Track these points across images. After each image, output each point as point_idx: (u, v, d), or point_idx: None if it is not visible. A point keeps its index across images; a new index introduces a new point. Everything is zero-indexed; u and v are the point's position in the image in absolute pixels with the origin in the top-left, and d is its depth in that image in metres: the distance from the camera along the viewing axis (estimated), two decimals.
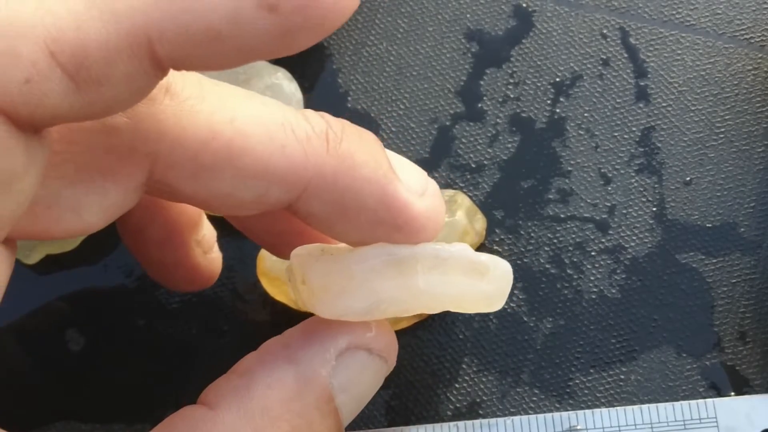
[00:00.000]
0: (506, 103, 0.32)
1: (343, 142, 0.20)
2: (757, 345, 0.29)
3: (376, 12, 0.33)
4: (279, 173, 0.19)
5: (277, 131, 0.19)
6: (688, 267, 0.30)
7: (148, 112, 0.19)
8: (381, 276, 0.21)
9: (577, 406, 0.28)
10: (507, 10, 0.33)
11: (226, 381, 0.21)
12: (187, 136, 0.19)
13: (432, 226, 0.21)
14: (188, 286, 0.27)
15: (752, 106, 0.31)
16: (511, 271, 0.23)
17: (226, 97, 0.20)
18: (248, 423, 0.20)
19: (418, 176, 0.22)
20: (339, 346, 0.21)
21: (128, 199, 0.20)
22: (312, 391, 0.20)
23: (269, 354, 0.21)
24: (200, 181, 0.19)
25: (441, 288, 0.22)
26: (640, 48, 0.32)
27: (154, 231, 0.25)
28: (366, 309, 0.21)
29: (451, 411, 0.29)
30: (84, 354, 0.30)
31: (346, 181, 0.20)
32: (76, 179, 0.19)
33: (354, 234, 0.21)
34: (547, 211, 0.31)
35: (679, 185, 0.31)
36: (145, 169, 0.19)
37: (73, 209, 0.19)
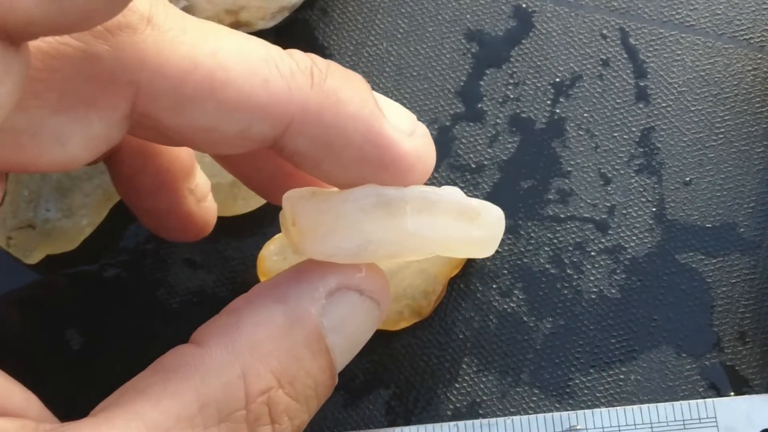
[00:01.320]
0: (506, 104, 0.32)
1: (328, 78, 0.20)
2: (756, 345, 0.29)
3: (376, 12, 0.33)
4: (262, 107, 0.19)
5: (260, 65, 0.19)
6: (688, 267, 0.30)
7: (129, 41, 0.19)
8: (369, 216, 0.21)
9: (576, 406, 0.28)
10: (507, 10, 0.33)
11: (215, 320, 0.21)
12: (168, 66, 0.19)
13: (420, 167, 0.21)
14: (182, 235, 0.27)
15: (752, 107, 0.31)
16: (503, 217, 0.23)
17: (208, 30, 0.20)
18: (236, 359, 0.19)
19: (406, 116, 0.22)
20: (329, 286, 0.21)
21: (112, 131, 0.20)
22: (301, 328, 0.20)
23: (258, 294, 0.21)
24: (183, 114, 0.19)
25: (430, 231, 0.21)
26: (640, 48, 0.32)
27: (147, 178, 0.25)
28: (354, 249, 0.21)
29: (451, 411, 0.29)
30: (84, 354, 0.30)
31: (330, 117, 0.20)
32: (59, 108, 0.19)
33: (341, 173, 0.21)
34: (547, 212, 0.31)
35: (679, 185, 0.31)
36: (128, 99, 0.19)
37: (57, 139, 0.19)
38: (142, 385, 0.19)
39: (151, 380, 0.19)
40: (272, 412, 0.20)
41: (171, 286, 0.30)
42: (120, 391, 0.20)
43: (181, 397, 0.19)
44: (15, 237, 0.29)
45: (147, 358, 0.30)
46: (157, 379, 0.19)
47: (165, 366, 0.20)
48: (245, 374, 0.19)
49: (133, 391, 0.19)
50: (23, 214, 0.29)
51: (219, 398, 0.19)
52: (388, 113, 0.21)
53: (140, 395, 0.19)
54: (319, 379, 0.21)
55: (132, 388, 0.19)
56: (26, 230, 0.29)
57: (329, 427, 0.29)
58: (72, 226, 0.29)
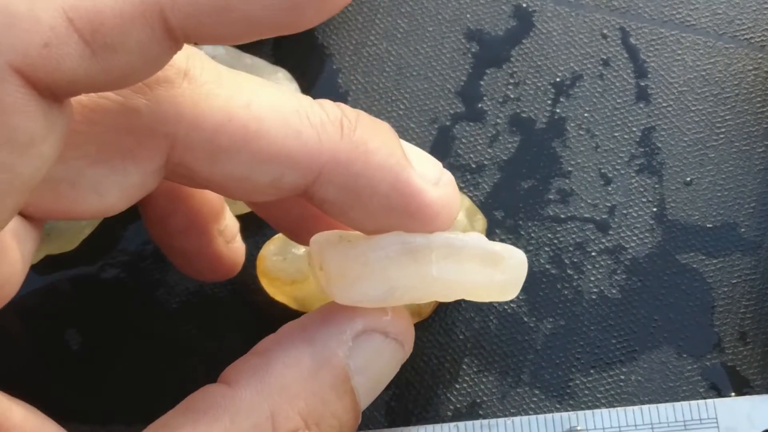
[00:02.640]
0: (506, 104, 0.32)
1: (357, 129, 0.21)
2: (757, 345, 0.29)
3: (376, 12, 0.33)
4: (294, 157, 0.20)
5: (292, 117, 0.20)
6: (689, 267, 0.30)
7: (167, 94, 0.19)
8: (396, 264, 0.21)
9: (577, 406, 0.28)
10: (507, 10, 0.33)
11: (245, 361, 0.21)
12: (204, 118, 0.19)
13: (446, 215, 0.22)
14: (211, 276, 0.28)
15: (752, 107, 0.31)
16: (526, 260, 0.23)
17: (242, 83, 0.20)
18: (265, 400, 0.20)
19: (432, 165, 0.22)
20: (356, 329, 0.21)
21: (148, 181, 0.20)
22: (328, 371, 0.21)
23: (287, 335, 0.21)
24: (217, 164, 0.20)
25: (455, 276, 0.22)
26: (641, 48, 0.32)
27: (178, 220, 0.26)
28: (381, 296, 0.21)
29: (451, 411, 0.29)
30: (84, 354, 0.30)
31: (359, 167, 0.20)
32: (97, 159, 0.19)
33: (368, 221, 0.21)
34: (547, 212, 0.31)
35: (680, 185, 0.31)
36: (164, 150, 0.20)
37: (95, 189, 0.19)
38: (173, 424, 0.20)
39: (180, 420, 0.20)
40: None
41: (170, 287, 0.30)
42: (151, 429, 0.20)
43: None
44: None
45: (147, 358, 0.30)
46: (186, 420, 0.20)
47: (195, 406, 0.20)
48: (274, 416, 0.20)
49: (164, 430, 0.20)
50: None
51: None
52: (415, 162, 0.21)
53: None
54: (343, 419, 0.21)
55: (163, 426, 0.20)
56: None
57: None
58: (71, 227, 0.29)
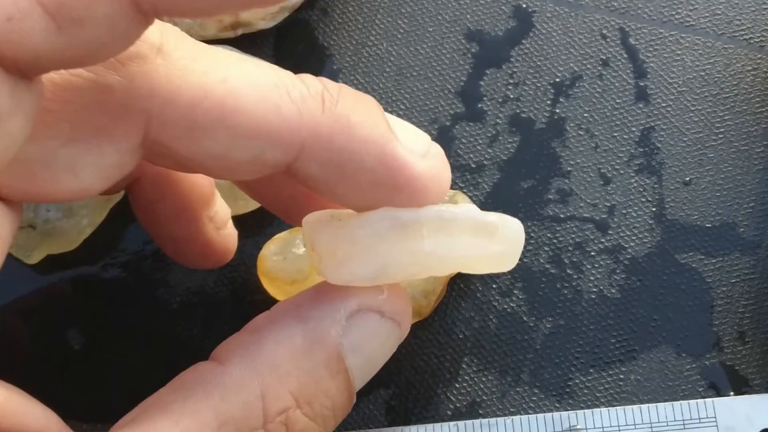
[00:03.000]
0: (506, 104, 0.32)
1: (339, 102, 0.20)
2: (756, 345, 0.29)
3: (376, 12, 0.33)
4: (273, 132, 0.19)
5: (270, 91, 0.19)
6: (688, 267, 0.30)
7: (140, 70, 0.19)
8: (385, 240, 0.21)
9: (576, 405, 0.28)
10: (507, 10, 0.33)
11: (236, 338, 0.21)
12: (179, 94, 0.19)
13: (435, 188, 0.21)
14: (203, 263, 0.27)
15: (751, 107, 0.32)
16: (523, 229, 0.23)
17: (218, 58, 0.20)
18: (256, 377, 0.20)
19: (419, 138, 0.21)
20: (350, 307, 0.21)
21: (125, 160, 0.20)
22: (321, 349, 0.20)
23: (280, 313, 0.21)
24: (194, 141, 0.19)
25: (448, 250, 0.21)
26: (640, 48, 0.32)
27: (166, 206, 0.25)
28: (372, 274, 0.21)
29: (451, 411, 0.29)
30: (84, 354, 0.30)
31: (342, 141, 0.20)
32: (72, 138, 0.19)
33: (355, 196, 0.21)
34: (546, 212, 0.31)
35: (679, 185, 0.31)
36: (140, 128, 0.19)
37: (70, 169, 0.19)
38: (163, 402, 0.20)
39: (171, 397, 0.20)
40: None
41: (171, 286, 0.30)
42: (141, 407, 0.20)
43: (201, 415, 0.19)
44: (15, 237, 0.29)
45: (147, 357, 0.30)
46: (177, 396, 0.19)
47: (185, 383, 0.20)
48: (264, 394, 0.20)
49: (153, 408, 0.19)
50: (24, 214, 0.29)
51: (238, 417, 0.19)
52: (400, 135, 0.21)
53: (161, 412, 0.19)
54: (336, 399, 0.21)
55: (153, 404, 0.20)
56: (27, 230, 0.29)
57: None
58: (72, 227, 0.29)
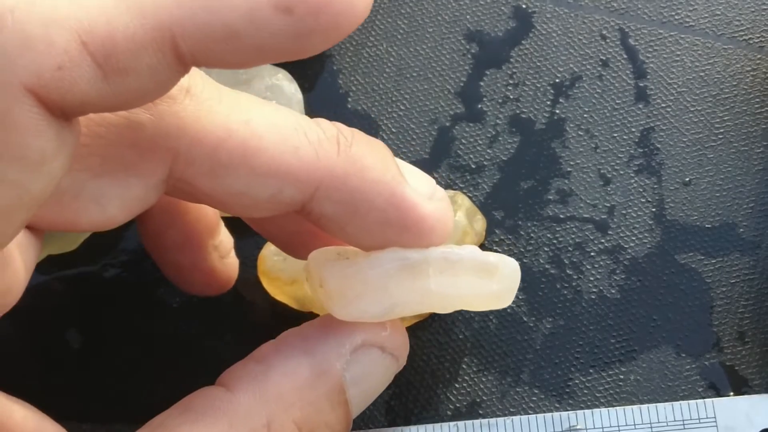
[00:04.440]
0: (506, 104, 0.32)
1: (353, 146, 0.21)
2: (756, 345, 0.29)
3: (376, 13, 0.33)
4: (292, 173, 0.20)
5: (290, 134, 0.20)
6: (688, 267, 0.30)
7: (169, 110, 0.20)
8: (395, 280, 0.22)
9: (576, 406, 0.28)
10: (507, 11, 0.33)
11: (243, 366, 0.21)
12: (205, 133, 0.20)
13: (441, 229, 0.22)
14: (205, 290, 0.28)
15: (751, 107, 0.32)
16: (519, 268, 0.24)
17: (241, 101, 0.21)
18: (263, 406, 0.20)
19: (425, 181, 0.22)
20: (354, 342, 0.22)
21: (149, 194, 0.20)
22: (325, 382, 0.21)
23: (287, 344, 0.22)
24: (217, 179, 0.20)
25: (452, 289, 0.22)
26: (640, 49, 0.32)
27: (174, 234, 0.26)
28: (381, 312, 0.22)
29: (451, 411, 0.29)
30: (84, 354, 0.30)
31: (355, 182, 0.21)
32: (100, 172, 0.20)
33: (365, 236, 0.22)
34: (546, 212, 0.31)
35: (679, 186, 0.31)
36: (166, 164, 0.20)
37: (97, 201, 0.20)
38: (172, 424, 0.20)
39: (179, 420, 0.20)
40: None
41: (171, 286, 0.30)
42: (149, 427, 0.20)
43: None
44: None
45: (147, 357, 0.30)
46: (186, 419, 0.20)
47: (194, 407, 0.20)
48: (270, 422, 0.20)
49: (161, 429, 0.20)
50: None
51: None
52: (409, 178, 0.22)
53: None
54: (336, 429, 0.22)
55: (160, 425, 0.20)
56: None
57: None
58: None
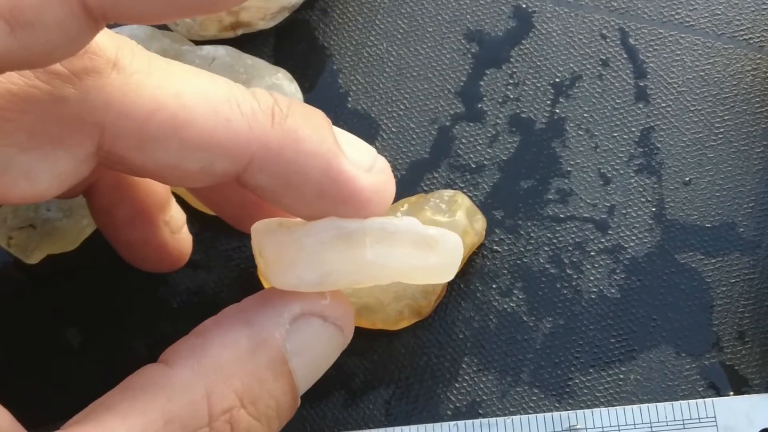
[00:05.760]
0: (506, 104, 0.32)
1: (288, 117, 0.21)
2: (756, 345, 0.29)
3: (376, 13, 0.33)
4: (223, 145, 0.20)
5: (222, 105, 0.20)
6: (688, 267, 0.30)
7: (95, 84, 0.20)
8: (330, 249, 0.22)
9: (576, 405, 0.28)
10: (507, 10, 0.33)
11: (184, 341, 0.21)
12: (132, 107, 0.20)
13: (379, 201, 0.22)
14: (158, 266, 0.28)
15: (751, 107, 0.32)
16: (461, 243, 0.24)
17: (173, 72, 0.21)
18: (201, 379, 0.20)
19: (365, 152, 0.22)
20: (293, 311, 0.22)
21: (79, 168, 0.20)
22: (265, 351, 0.21)
23: (226, 316, 0.22)
24: (147, 152, 0.20)
25: (389, 260, 0.22)
26: (640, 48, 0.32)
27: (123, 210, 0.26)
28: (316, 280, 0.22)
29: (450, 411, 0.29)
30: (84, 354, 0.30)
31: (289, 154, 0.21)
32: (28, 146, 0.20)
33: (302, 207, 0.22)
34: (546, 212, 0.31)
35: (679, 185, 0.31)
36: (94, 138, 0.20)
37: (26, 175, 0.20)
38: (112, 401, 0.20)
39: (120, 397, 0.20)
40: (234, 431, 0.21)
41: (171, 286, 0.30)
42: (90, 408, 0.20)
43: (147, 414, 0.20)
44: (15, 237, 0.29)
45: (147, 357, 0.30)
46: (125, 396, 0.20)
47: (133, 384, 0.20)
48: (209, 394, 0.20)
49: (102, 408, 0.20)
50: (24, 213, 0.29)
51: (183, 416, 0.20)
52: (347, 149, 0.22)
53: (109, 411, 0.20)
54: (281, 400, 0.22)
55: (102, 404, 0.20)
56: (27, 230, 0.29)
57: (329, 427, 0.29)
58: (72, 226, 0.29)
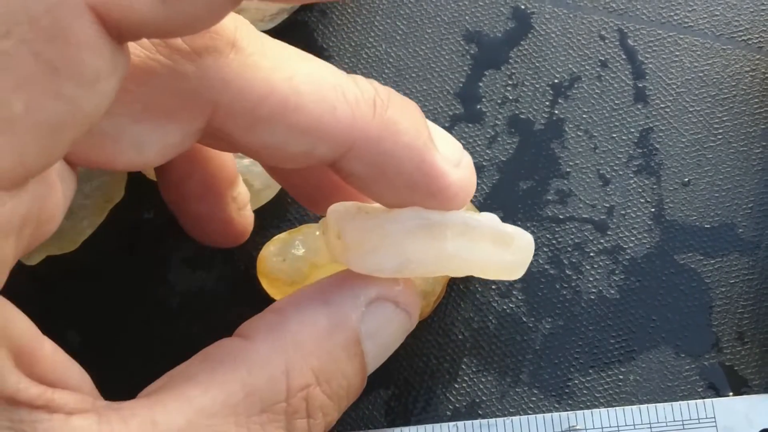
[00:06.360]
0: (505, 105, 0.32)
1: (389, 108, 0.22)
2: (755, 345, 0.29)
3: (375, 14, 0.33)
4: (328, 131, 0.21)
5: (329, 92, 0.21)
6: (687, 267, 0.30)
7: (215, 63, 0.20)
8: (412, 237, 0.22)
9: (576, 406, 0.28)
10: (505, 11, 0.33)
11: (261, 317, 0.22)
12: (248, 88, 0.20)
13: (463, 196, 0.23)
14: (222, 241, 0.28)
15: (750, 108, 0.32)
16: (533, 242, 0.24)
17: (286, 56, 0.21)
18: (281, 355, 0.21)
19: (454, 148, 0.23)
20: (369, 295, 0.22)
21: (186, 141, 0.21)
22: (341, 332, 0.22)
23: (304, 296, 0.22)
24: (255, 132, 0.21)
25: (468, 254, 0.23)
26: (639, 49, 0.32)
27: (194, 184, 0.26)
28: (396, 267, 0.22)
29: (450, 411, 0.29)
30: (83, 354, 0.30)
31: (387, 146, 0.21)
32: (142, 117, 0.20)
33: (390, 196, 0.22)
34: (545, 212, 0.31)
35: (678, 186, 0.31)
36: (206, 115, 0.20)
37: (136, 145, 0.20)
38: (191, 372, 0.21)
39: (199, 368, 0.21)
40: (309, 407, 0.21)
41: (171, 286, 0.30)
42: (168, 376, 0.21)
43: (228, 386, 0.20)
44: None
45: (147, 358, 0.30)
46: (205, 367, 0.20)
47: (212, 356, 0.21)
48: (288, 370, 0.21)
49: (181, 377, 0.20)
50: None
51: (263, 390, 0.20)
52: (439, 144, 0.22)
53: (189, 381, 0.20)
54: (352, 380, 0.22)
55: (180, 374, 0.21)
56: None
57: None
58: (72, 227, 0.29)
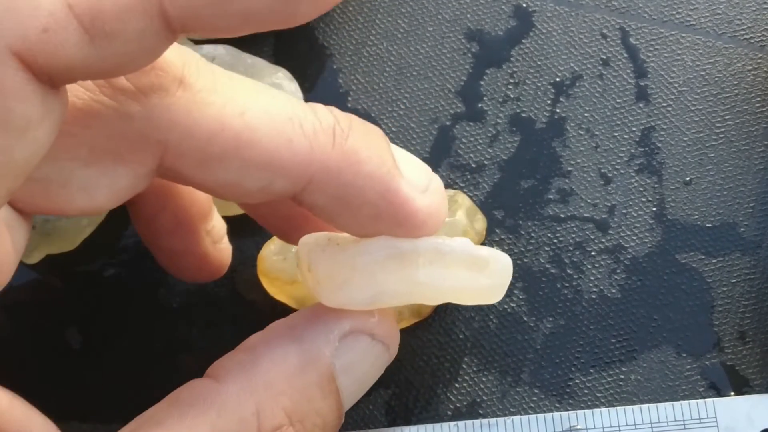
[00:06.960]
0: (506, 103, 0.32)
1: (349, 138, 0.21)
2: (756, 345, 0.29)
3: (376, 12, 0.33)
4: (284, 166, 0.20)
5: (284, 125, 0.20)
6: (688, 267, 0.30)
7: (161, 102, 0.19)
8: (383, 268, 0.21)
9: (577, 405, 0.28)
10: (507, 10, 0.33)
11: (232, 356, 0.21)
12: (197, 126, 0.19)
13: (433, 222, 0.22)
14: (198, 275, 0.28)
15: (752, 106, 0.31)
16: (511, 264, 0.23)
17: (237, 90, 0.20)
18: (251, 396, 0.20)
19: (421, 172, 0.22)
20: (342, 329, 0.22)
21: (138, 183, 0.20)
22: (314, 369, 0.21)
23: (275, 333, 0.22)
24: (208, 170, 0.20)
25: (441, 281, 0.22)
26: (640, 48, 0.32)
27: (166, 219, 0.26)
28: (368, 299, 0.22)
29: (451, 411, 0.29)
30: (84, 354, 0.30)
31: (349, 177, 0.21)
32: (89, 161, 0.19)
33: (357, 226, 0.22)
34: (547, 211, 0.31)
35: (679, 185, 0.31)
36: (156, 156, 0.20)
37: (85, 189, 0.20)
38: (159, 417, 0.20)
39: (167, 412, 0.20)
40: None
41: (171, 286, 0.30)
42: (137, 423, 0.20)
43: (197, 430, 0.20)
44: None
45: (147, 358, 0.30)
46: (173, 412, 0.20)
47: (182, 399, 0.20)
48: (259, 411, 0.20)
49: (150, 422, 0.20)
50: None
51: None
52: (404, 170, 0.22)
53: (158, 427, 0.20)
54: (327, 418, 0.22)
55: (150, 419, 0.20)
56: None
57: None
58: (72, 226, 0.29)
